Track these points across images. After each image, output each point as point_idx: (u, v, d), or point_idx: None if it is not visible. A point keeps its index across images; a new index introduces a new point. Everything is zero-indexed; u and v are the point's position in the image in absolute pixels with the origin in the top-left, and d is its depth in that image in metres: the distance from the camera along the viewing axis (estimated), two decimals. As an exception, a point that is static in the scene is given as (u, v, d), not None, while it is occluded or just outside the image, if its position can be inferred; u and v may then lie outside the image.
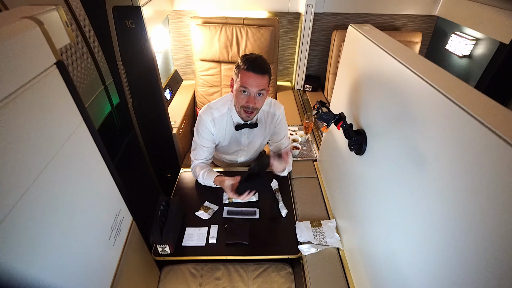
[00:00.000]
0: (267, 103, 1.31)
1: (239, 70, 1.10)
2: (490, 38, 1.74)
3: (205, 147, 1.30)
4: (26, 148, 0.53)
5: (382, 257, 0.81)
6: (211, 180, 1.26)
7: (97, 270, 0.78)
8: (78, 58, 1.16)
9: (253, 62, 1.08)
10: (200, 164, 1.33)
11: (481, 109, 0.48)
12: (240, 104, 1.15)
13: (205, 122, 1.24)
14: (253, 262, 1.22)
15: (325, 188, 1.37)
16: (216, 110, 1.25)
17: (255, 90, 1.10)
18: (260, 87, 1.10)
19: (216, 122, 1.26)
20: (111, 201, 0.88)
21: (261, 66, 1.09)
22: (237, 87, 1.13)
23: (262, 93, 1.13)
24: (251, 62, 1.08)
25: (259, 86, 1.10)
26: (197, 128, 1.28)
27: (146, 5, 1.41)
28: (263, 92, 1.13)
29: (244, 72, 1.08)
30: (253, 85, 1.09)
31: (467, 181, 0.49)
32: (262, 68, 1.09)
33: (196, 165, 1.33)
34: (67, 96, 0.67)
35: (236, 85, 1.14)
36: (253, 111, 1.16)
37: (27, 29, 0.55)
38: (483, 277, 0.46)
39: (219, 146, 1.38)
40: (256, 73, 1.08)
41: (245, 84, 1.09)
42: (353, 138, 0.91)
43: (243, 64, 1.09)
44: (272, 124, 1.36)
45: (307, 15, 2.03)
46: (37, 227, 0.56)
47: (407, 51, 0.75)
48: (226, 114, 1.26)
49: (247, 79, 1.08)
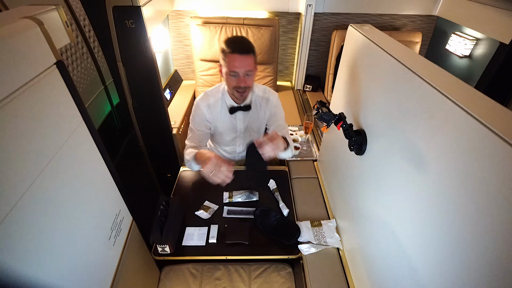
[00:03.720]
0: (261, 89, 1.36)
1: (225, 54, 1.13)
2: (490, 38, 1.74)
3: (198, 130, 1.32)
4: (26, 148, 0.53)
5: (382, 257, 0.81)
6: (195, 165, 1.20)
7: (97, 270, 0.78)
8: (78, 58, 1.16)
9: (237, 44, 1.12)
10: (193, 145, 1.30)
11: (481, 109, 0.48)
12: (232, 86, 1.19)
13: (201, 107, 1.29)
14: (253, 262, 1.22)
15: (325, 188, 1.37)
16: (212, 96, 1.30)
17: (243, 71, 1.14)
18: (247, 67, 1.14)
19: (211, 107, 1.30)
20: (111, 201, 0.88)
21: (245, 47, 1.13)
22: (226, 71, 1.16)
23: (250, 74, 1.17)
24: (235, 44, 1.12)
25: (247, 67, 1.14)
26: (193, 113, 1.32)
27: (146, 5, 1.41)
28: (251, 73, 1.17)
29: (230, 56, 1.12)
30: (241, 67, 1.13)
31: (467, 181, 0.49)
32: (246, 48, 1.13)
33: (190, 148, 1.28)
34: (67, 96, 0.67)
35: (224, 69, 1.17)
36: (245, 90, 1.20)
37: (27, 29, 0.55)
38: (483, 277, 0.46)
39: (216, 134, 1.39)
40: (242, 54, 1.11)
41: (233, 68, 1.13)
42: (353, 138, 0.91)
43: (228, 48, 1.12)
44: (267, 109, 1.38)
45: (307, 15, 2.03)
46: (37, 227, 0.56)
47: (407, 51, 0.75)
48: (220, 99, 1.31)
49: (234, 61, 1.12)
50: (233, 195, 1.32)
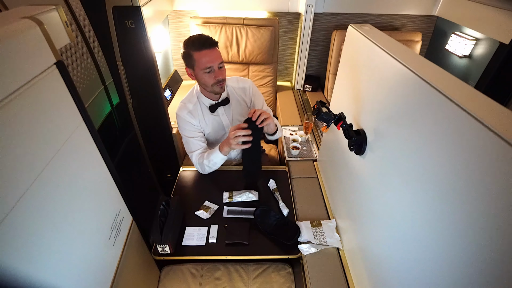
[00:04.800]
0: (233, 80, 1.38)
1: (193, 54, 1.13)
2: (490, 38, 1.74)
3: (194, 138, 1.32)
4: (26, 148, 0.53)
5: (382, 257, 0.81)
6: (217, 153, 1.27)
7: (97, 270, 0.78)
8: (78, 58, 1.16)
9: (202, 40, 1.13)
10: (199, 152, 1.34)
11: (481, 109, 0.48)
12: (211, 83, 1.19)
13: (183, 117, 1.30)
14: (253, 262, 1.22)
15: (325, 188, 1.37)
16: (189, 102, 1.31)
17: (217, 64, 1.15)
18: (219, 59, 1.16)
19: (193, 113, 1.31)
20: (111, 201, 0.88)
21: (210, 41, 1.13)
22: (200, 71, 1.16)
23: (222, 65, 1.19)
24: (199, 41, 1.12)
25: (219, 59, 1.16)
26: (179, 126, 1.33)
27: (146, 5, 1.41)
28: (223, 64, 1.19)
29: (199, 53, 1.12)
30: (213, 60, 1.14)
31: (467, 181, 0.49)
32: (211, 42, 1.14)
33: (197, 155, 1.34)
34: (67, 96, 0.67)
35: (197, 69, 1.16)
36: (223, 82, 1.22)
37: (27, 29, 0.55)
38: (483, 277, 0.46)
39: (206, 138, 1.40)
40: (210, 48, 1.12)
41: (207, 63, 1.14)
42: (353, 138, 0.91)
43: (193, 47, 1.12)
44: (247, 97, 1.40)
45: (307, 15, 2.03)
46: (37, 227, 0.56)
47: (407, 51, 0.75)
48: (197, 102, 1.31)
49: (205, 57, 1.13)
50: (233, 195, 1.32)
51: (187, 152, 1.37)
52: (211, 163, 1.31)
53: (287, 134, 1.75)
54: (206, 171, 1.38)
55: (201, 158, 1.33)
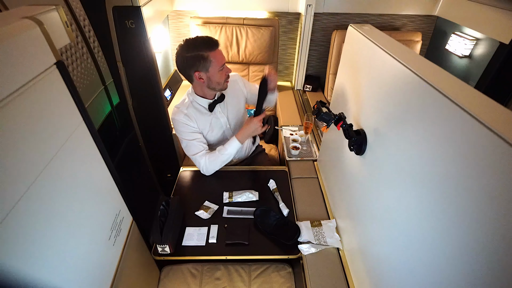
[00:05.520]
0: None
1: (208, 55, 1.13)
2: (490, 38, 1.74)
3: (195, 139, 1.32)
4: (26, 148, 0.53)
5: (382, 257, 0.81)
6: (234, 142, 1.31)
7: (97, 270, 0.78)
8: (78, 58, 1.16)
9: (211, 40, 1.15)
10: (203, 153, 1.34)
11: (481, 109, 0.48)
12: (223, 79, 1.22)
13: (181, 120, 1.29)
14: (253, 262, 1.22)
15: (325, 188, 1.37)
16: (183, 107, 1.31)
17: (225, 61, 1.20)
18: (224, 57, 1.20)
19: (189, 115, 1.31)
20: (111, 201, 0.88)
21: (215, 40, 1.16)
22: (217, 70, 1.18)
23: None
24: (209, 42, 1.14)
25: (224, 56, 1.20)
26: (177, 130, 1.32)
27: (146, 5, 1.41)
28: None
29: (213, 53, 1.14)
30: (224, 58, 1.19)
31: (467, 181, 0.49)
32: (216, 40, 1.16)
33: (201, 156, 1.33)
34: (67, 96, 0.67)
35: (213, 69, 1.17)
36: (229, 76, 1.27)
37: (27, 29, 0.55)
38: (483, 277, 0.46)
39: (207, 139, 1.40)
40: (219, 47, 1.16)
41: (222, 61, 1.18)
42: (353, 138, 0.91)
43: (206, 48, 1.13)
44: (239, 90, 1.43)
45: (307, 15, 2.03)
46: (37, 227, 0.56)
47: (407, 51, 0.75)
48: (191, 106, 1.32)
49: (220, 55, 1.16)
50: (233, 195, 1.32)
51: (190, 155, 1.35)
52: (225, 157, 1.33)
53: (287, 134, 1.75)
54: (213, 170, 1.37)
55: (212, 155, 1.33)
